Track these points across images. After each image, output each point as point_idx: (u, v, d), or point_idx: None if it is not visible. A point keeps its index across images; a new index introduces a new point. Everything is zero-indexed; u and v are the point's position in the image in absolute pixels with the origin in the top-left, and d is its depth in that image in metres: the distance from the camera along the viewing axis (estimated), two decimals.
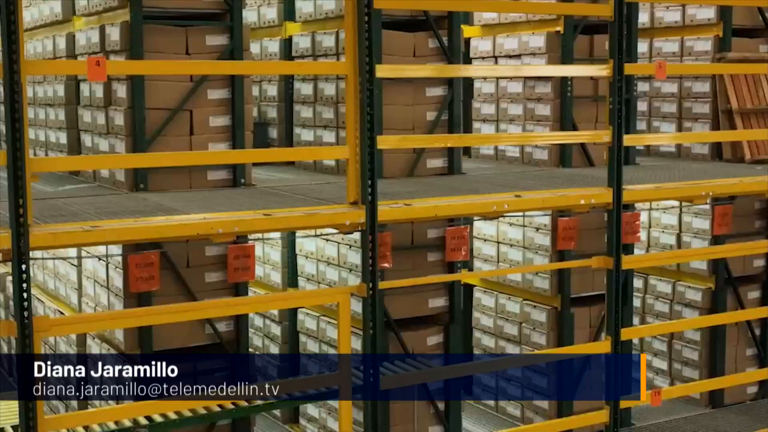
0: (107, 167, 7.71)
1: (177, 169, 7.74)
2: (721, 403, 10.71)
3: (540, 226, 9.72)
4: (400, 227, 8.79)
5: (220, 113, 7.90)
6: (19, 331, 5.71)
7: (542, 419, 9.92)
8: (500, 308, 10.32)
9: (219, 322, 8.07)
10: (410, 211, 7.04)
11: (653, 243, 11.17)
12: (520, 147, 9.90)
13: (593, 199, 7.48)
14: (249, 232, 6.71)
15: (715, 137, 10.06)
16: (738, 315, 10.06)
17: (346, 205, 6.66)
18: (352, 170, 6.60)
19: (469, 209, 7.38)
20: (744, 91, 10.03)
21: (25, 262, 5.67)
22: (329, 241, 9.22)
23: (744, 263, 10.79)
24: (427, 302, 9.04)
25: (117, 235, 6.01)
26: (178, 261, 7.85)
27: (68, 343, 9.22)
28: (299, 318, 9.81)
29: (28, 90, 8.38)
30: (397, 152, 8.70)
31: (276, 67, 9.37)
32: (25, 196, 5.63)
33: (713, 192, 8.09)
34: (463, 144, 9.09)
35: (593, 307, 9.81)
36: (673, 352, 11.02)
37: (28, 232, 5.64)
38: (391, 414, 8.77)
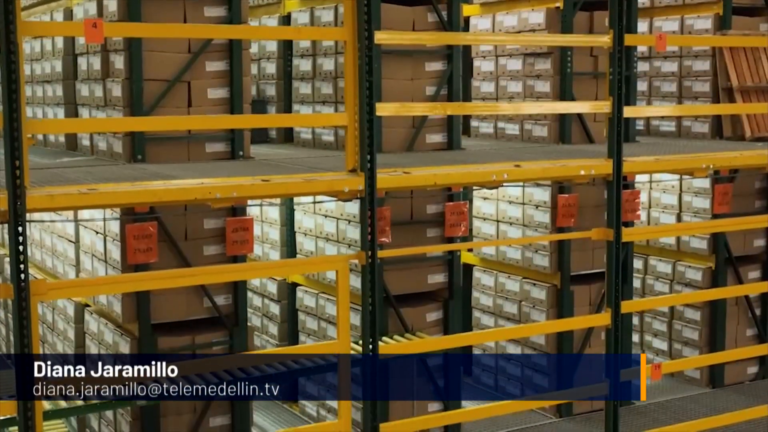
0: (104, 130, 7.66)
1: (175, 141, 7.71)
2: (722, 384, 10.69)
3: (540, 203, 9.69)
4: (400, 202, 8.76)
5: (219, 85, 7.86)
6: (15, 294, 5.66)
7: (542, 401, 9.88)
8: (500, 287, 10.28)
9: (217, 295, 8.03)
10: (409, 179, 7.00)
11: (653, 223, 11.14)
12: (519, 124, 9.86)
13: (593, 170, 7.45)
14: (247, 197, 6.67)
15: (716, 110, 10.02)
16: (739, 289, 10.03)
17: (345, 172, 6.62)
18: (350, 137, 6.57)
19: (468, 178, 7.35)
20: (744, 69, 10.00)
21: (22, 224, 5.63)
22: (328, 217, 9.19)
23: (744, 243, 10.76)
24: (426, 278, 9.01)
25: (114, 199, 5.97)
26: (176, 233, 7.81)
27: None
28: (298, 296, 9.78)
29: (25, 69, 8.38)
30: (396, 127, 8.67)
31: (275, 33, 9.33)
32: (21, 158, 5.59)
33: (713, 165, 8.06)
34: (463, 112, 9.03)
35: (593, 284, 9.77)
36: (673, 332, 10.99)
37: (24, 194, 5.60)
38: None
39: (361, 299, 6.73)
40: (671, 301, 10.39)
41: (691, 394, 10.41)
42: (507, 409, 8.96)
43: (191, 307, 7.97)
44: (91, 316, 8.66)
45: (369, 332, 6.78)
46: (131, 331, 7.90)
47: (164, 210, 7.73)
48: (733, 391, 10.39)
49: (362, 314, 6.82)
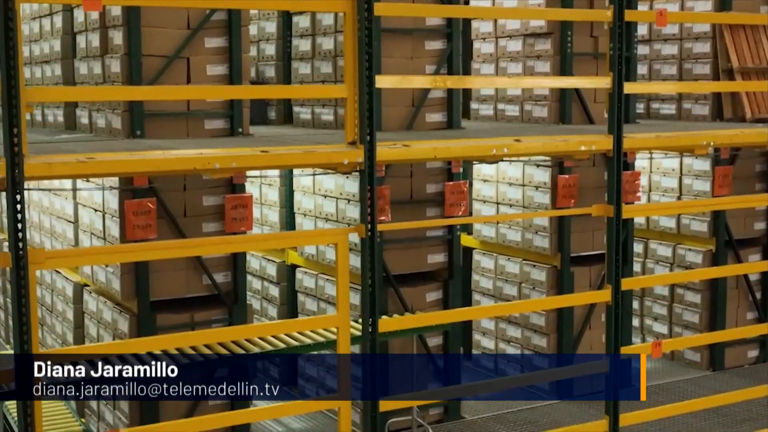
0: (102, 98, 7.63)
1: (174, 117, 7.69)
2: (722, 367, 10.67)
3: (540, 184, 9.67)
4: (399, 181, 8.74)
5: (218, 62, 7.83)
6: (13, 263, 5.63)
7: (542, 379, 9.86)
8: (500, 269, 10.26)
9: (217, 272, 8.01)
10: (409, 152, 6.98)
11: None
12: (519, 105, 9.84)
13: (594, 146, 7.41)
14: (246, 168, 6.63)
15: (717, 87, 9.98)
16: (739, 268, 10.01)
17: (344, 145, 6.59)
18: (350, 110, 6.53)
19: (468, 152, 7.32)
20: (745, 50, 9.98)
21: (20, 192, 5.59)
22: (327, 197, 9.16)
23: (744, 226, 10.74)
24: (426, 258, 8.99)
25: (112, 168, 5.94)
26: (175, 210, 7.79)
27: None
28: (298, 277, 9.76)
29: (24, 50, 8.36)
30: (396, 106, 8.64)
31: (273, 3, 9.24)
32: (19, 125, 5.55)
33: (714, 142, 8.03)
34: (463, 86, 8.98)
35: (593, 266, 9.74)
36: (674, 316, 10.97)
37: (22, 162, 5.57)
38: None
39: (361, 275, 6.69)
40: (671, 278, 10.38)
41: (691, 377, 10.39)
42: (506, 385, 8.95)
43: (190, 284, 7.95)
44: (90, 295, 8.64)
45: (369, 308, 6.73)
46: (130, 309, 7.88)
47: (163, 186, 7.71)
48: (733, 374, 10.37)
49: (362, 289, 6.77)
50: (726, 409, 9.32)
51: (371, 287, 6.67)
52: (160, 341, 6.60)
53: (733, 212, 10.58)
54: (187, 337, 6.50)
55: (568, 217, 9.58)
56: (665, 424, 8.91)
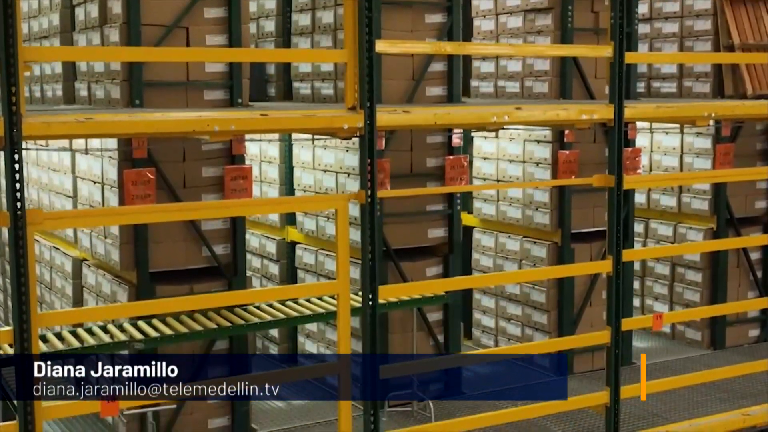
0: (100, 59, 7.56)
1: (173, 87, 7.65)
2: (723, 347, 10.65)
3: (540, 160, 9.64)
4: (400, 155, 8.72)
5: (217, 32, 7.78)
6: (11, 223, 5.60)
7: (542, 357, 9.83)
8: (500, 247, 10.23)
9: (216, 244, 7.99)
10: (409, 118, 6.94)
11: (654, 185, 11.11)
12: (520, 82, 9.80)
13: (595, 114, 7.37)
14: (246, 131, 6.60)
15: (719, 59, 9.92)
16: (740, 241, 9.99)
17: (344, 110, 6.55)
18: (350, 74, 6.49)
19: (469, 119, 7.29)
20: (746, 27, 9.95)
21: (18, 151, 5.56)
22: (327, 172, 9.13)
23: (745, 204, 10.72)
24: (426, 233, 8.97)
25: (111, 128, 5.90)
26: (174, 181, 7.76)
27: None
28: (297, 254, 9.73)
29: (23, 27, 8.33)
30: (396, 79, 8.60)
31: None
32: (17, 84, 5.52)
33: (715, 113, 7.99)
34: (463, 52, 8.91)
35: (594, 243, 9.71)
36: (675, 295, 10.94)
37: (20, 120, 5.53)
38: (390, 345, 8.69)
39: (361, 241, 6.66)
40: (672, 251, 10.39)
41: (691, 355, 10.37)
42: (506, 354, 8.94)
43: (190, 256, 7.92)
44: (89, 269, 8.61)
45: (369, 276, 6.69)
46: (129, 280, 7.85)
47: (162, 157, 7.69)
48: (733, 353, 10.35)
49: (362, 256, 6.71)
50: (727, 385, 9.30)
51: (371, 255, 6.63)
52: (159, 305, 6.57)
53: (734, 191, 10.57)
54: (186, 302, 6.45)
55: (569, 193, 9.56)
56: (666, 400, 8.89)
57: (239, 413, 8.11)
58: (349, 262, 6.61)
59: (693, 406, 8.84)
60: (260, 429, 8.26)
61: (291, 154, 9.85)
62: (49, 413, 5.83)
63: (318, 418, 8.47)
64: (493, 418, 7.59)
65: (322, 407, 8.77)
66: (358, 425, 6.85)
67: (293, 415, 8.66)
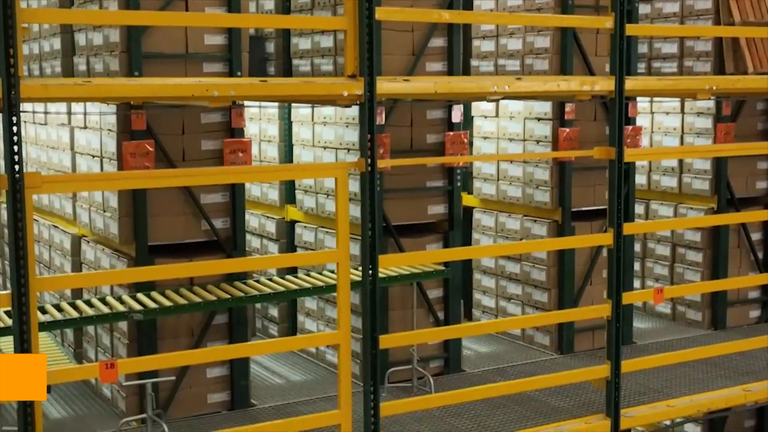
0: (99, 22, 7.51)
1: (172, 59, 7.61)
2: (724, 327, 10.62)
3: (540, 138, 9.61)
4: (400, 131, 8.69)
5: (216, 4, 7.72)
6: (9, 186, 5.56)
7: (543, 335, 9.82)
8: (500, 226, 10.20)
9: (215, 218, 7.96)
10: (409, 87, 6.91)
11: (655, 166, 11.07)
12: (520, 60, 9.76)
13: (596, 85, 7.34)
14: (245, 97, 6.57)
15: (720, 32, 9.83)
16: (742, 216, 9.96)
17: (344, 77, 6.52)
18: (350, 42, 6.45)
19: (469, 88, 7.26)
20: (746, 5, 9.91)
21: (16, 113, 5.53)
22: (327, 149, 9.11)
23: (746, 184, 10.70)
24: (426, 209, 8.94)
25: (109, 91, 5.87)
26: (173, 154, 7.74)
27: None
28: (297, 232, 9.71)
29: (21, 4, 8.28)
30: (396, 54, 8.55)
31: None
32: (15, 46, 5.48)
33: (716, 86, 7.96)
34: (463, 20, 8.80)
35: (594, 221, 9.68)
36: (675, 275, 10.92)
37: (18, 82, 5.50)
38: (390, 322, 8.66)
39: (360, 207, 6.62)
40: (673, 224, 10.41)
41: (692, 335, 10.35)
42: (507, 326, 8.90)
43: (189, 229, 7.90)
44: (88, 245, 8.59)
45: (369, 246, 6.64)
46: (128, 254, 7.82)
47: (161, 130, 7.66)
48: (734, 333, 10.31)
49: (362, 228, 6.67)
50: (728, 363, 9.29)
51: (371, 225, 6.59)
52: (157, 271, 6.54)
53: (735, 171, 10.54)
54: (185, 268, 6.42)
55: (569, 170, 9.54)
56: (667, 377, 8.87)
57: (239, 388, 8.10)
58: (349, 231, 6.57)
59: (694, 383, 8.81)
60: (260, 404, 8.23)
61: (290, 132, 9.83)
62: (49, 378, 5.76)
63: (318, 394, 8.44)
64: (494, 390, 7.57)
65: (322, 384, 8.75)
66: (358, 401, 6.82)
67: (293, 391, 8.64)
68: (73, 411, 8.17)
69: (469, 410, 8.03)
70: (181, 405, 7.91)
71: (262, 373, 9.09)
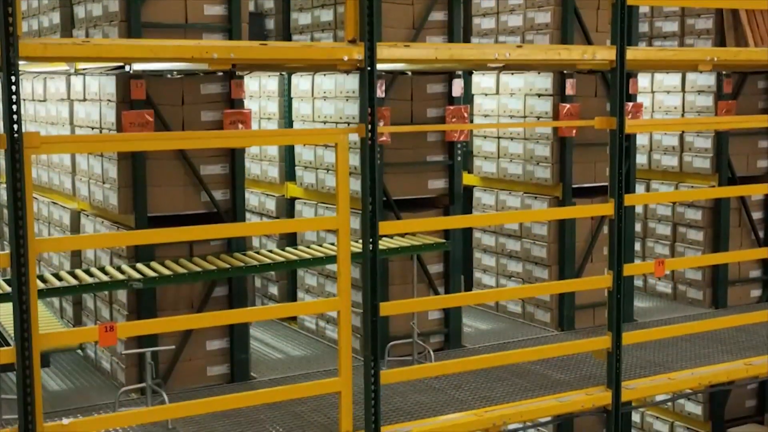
0: None
1: (171, 29, 7.57)
2: (724, 306, 10.60)
3: (541, 114, 9.58)
4: (400, 104, 8.66)
5: None
6: (8, 145, 5.53)
7: (543, 312, 9.79)
8: (501, 204, 10.18)
9: (215, 189, 7.93)
10: (409, 53, 6.87)
11: (656, 144, 11.05)
12: (521, 36, 9.71)
13: (597, 54, 7.31)
14: (245, 60, 6.54)
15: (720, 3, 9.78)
16: (741, 189, 9.96)
17: (345, 42, 6.49)
18: (350, 6, 6.43)
19: (470, 55, 7.21)
20: None
21: (15, 72, 5.50)
22: (327, 123, 9.07)
23: (747, 163, 10.67)
24: (426, 183, 8.92)
25: (109, 51, 5.83)
26: (173, 125, 7.70)
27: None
28: (297, 209, 9.68)
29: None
30: (396, 27, 8.52)
31: None
32: (14, 4, 5.45)
33: (718, 57, 7.93)
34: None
35: (595, 198, 9.65)
36: (676, 255, 10.89)
37: (17, 41, 5.46)
38: (390, 296, 8.62)
39: (361, 174, 6.58)
40: (675, 196, 10.40)
41: (693, 313, 10.32)
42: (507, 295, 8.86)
43: (188, 200, 7.87)
44: (87, 218, 8.56)
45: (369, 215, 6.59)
46: (127, 225, 7.80)
47: (161, 101, 7.63)
48: (735, 311, 10.28)
49: (362, 197, 6.62)
50: (729, 338, 9.26)
51: (371, 192, 6.54)
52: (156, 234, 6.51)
53: (736, 149, 10.52)
54: (184, 232, 6.38)
55: (570, 146, 9.51)
56: (668, 352, 8.85)
57: (238, 361, 8.07)
58: (349, 199, 6.54)
59: (695, 357, 8.78)
60: (259, 377, 8.20)
61: (290, 109, 9.80)
62: (48, 341, 5.74)
63: (318, 368, 8.41)
64: (494, 359, 7.55)
65: (322, 358, 8.72)
66: (359, 375, 6.78)
67: (293, 365, 8.61)
68: (73, 384, 8.15)
69: (470, 382, 8.00)
70: (180, 377, 7.88)
71: (262, 349, 9.07)
